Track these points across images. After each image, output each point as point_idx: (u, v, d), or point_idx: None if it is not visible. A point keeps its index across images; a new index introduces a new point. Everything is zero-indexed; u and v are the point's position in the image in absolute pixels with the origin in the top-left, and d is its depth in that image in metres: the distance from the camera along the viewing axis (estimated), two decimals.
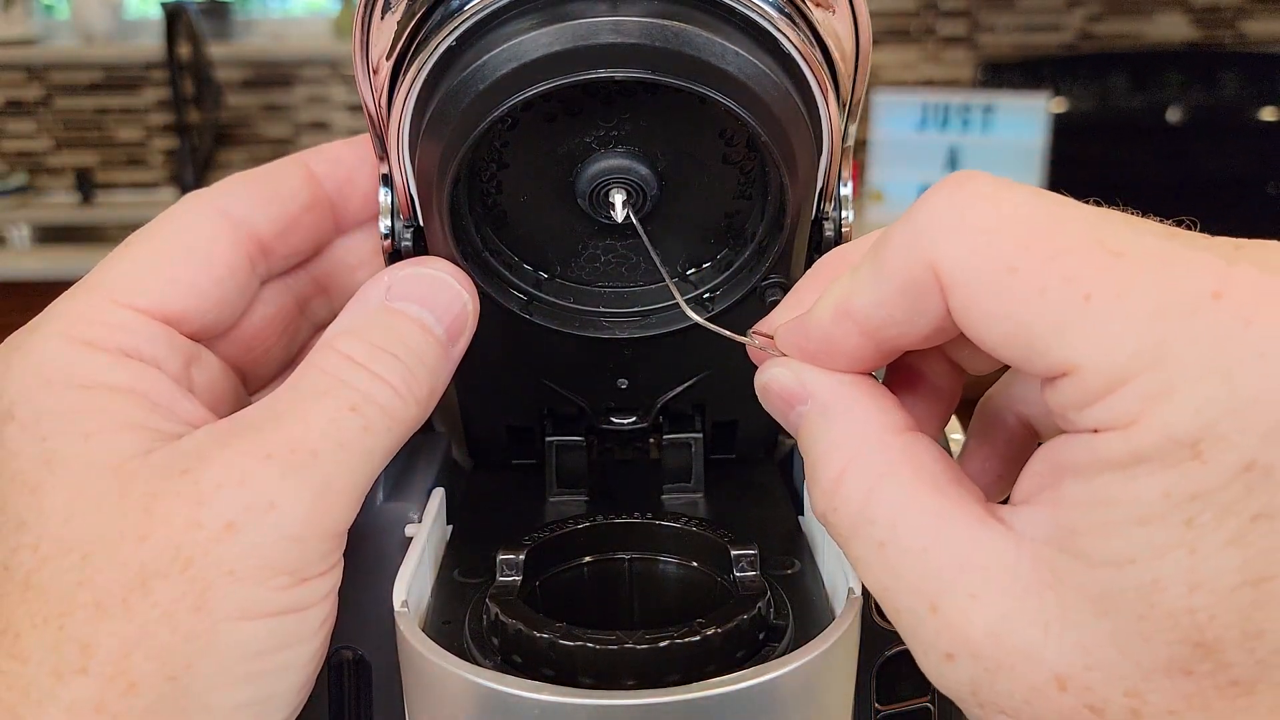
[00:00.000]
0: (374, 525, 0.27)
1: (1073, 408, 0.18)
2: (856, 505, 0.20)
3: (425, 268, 0.26)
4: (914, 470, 0.20)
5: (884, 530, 0.20)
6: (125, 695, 0.20)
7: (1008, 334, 0.18)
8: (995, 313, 0.18)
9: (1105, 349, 0.17)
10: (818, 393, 0.22)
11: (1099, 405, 0.17)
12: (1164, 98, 2.05)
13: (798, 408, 0.22)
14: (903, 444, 0.21)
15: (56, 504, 0.22)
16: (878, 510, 0.20)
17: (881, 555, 0.20)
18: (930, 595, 0.19)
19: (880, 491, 0.20)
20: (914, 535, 0.19)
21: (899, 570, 0.20)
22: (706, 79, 0.23)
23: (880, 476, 0.20)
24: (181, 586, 0.21)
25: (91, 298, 0.25)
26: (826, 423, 0.22)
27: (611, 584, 0.27)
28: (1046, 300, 0.18)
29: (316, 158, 0.29)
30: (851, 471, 0.20)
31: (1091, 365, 0.17)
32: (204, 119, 2.21)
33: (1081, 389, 0.18)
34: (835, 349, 0.22)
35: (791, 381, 0.22)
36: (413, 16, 0.24)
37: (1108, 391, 0.17)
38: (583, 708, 0.21)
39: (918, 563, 0.19)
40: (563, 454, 0.31)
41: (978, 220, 0.19)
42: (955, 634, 0.19)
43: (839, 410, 0.21)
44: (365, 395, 0.23)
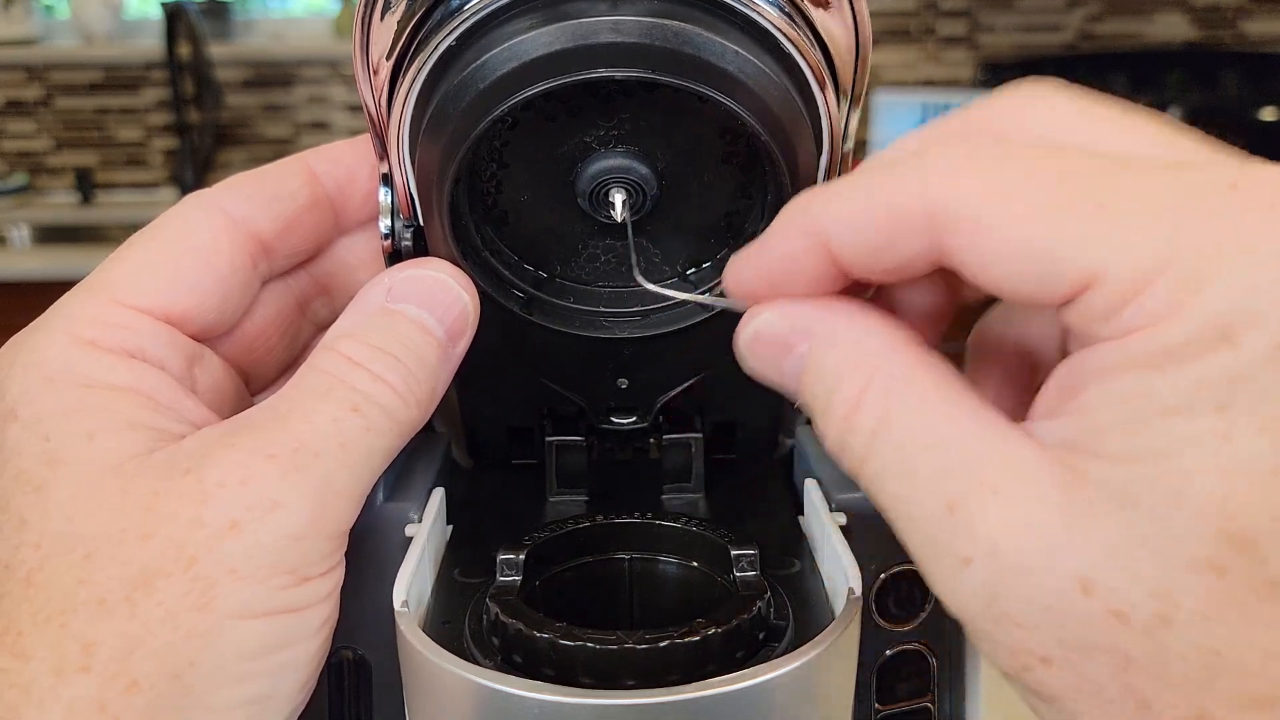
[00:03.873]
0: (374, 525, 0.27)
1: (1099, 319, 0.17)
2: (878, 415, 0.19)
3: (425, 269, 0.26)
4: (934, 377, 0.19)
5: (903, 432, 0.19)
6: (126, 693, 0.21)
7: (1018, 261, 0.18)
8: (1004, 241, 0.18)
9: (1127, 251, 0.17)
10: (817, 327, 0.21)
11: (1128, 310, 0.17)
12: (1164, 98, 2.04)
13: (797, 349, 0.21)
14: (918, 355, 0.20)
15: (59, 503, 0.22)
16: (899, 414, 0.19)
17: (899, 458, 0.19)
18: (948, 493, 0.18)
19: (901, 397, 0.19)
20: (934, 432, 0.19)
21: (916, 471, 0.18)
22: (706, 78, 0.23)
23: (901, 383, 0.19)
24: (184, 585, 0.21)
25: (94, 298, 0.25)
26: (835, 350, 0.21)
27: (611, 584, 0.27)
28: (1058, 216, 0.17)
29: (317, 158, 0.29)
30: (872, 386, 0.20)
31: (1115, 270, 0.17)
32: (204, 119, 2.21)
33: (1107, 298, 0.17)
34: (793, 270, 0.21)
35: (783, 325, 0.21)
36: (413, 16, 0.24)
37: (1136, 294, 0.17)
38: (583, 707, 0.21)
39: (936, 459, 0.18)
40: (563, 454, 0.31)
41: (983, 158, 0.18)
42: (973, 534, 0.18)
43: (846, 336, 0.21)
44: (366, 396, 0.23)
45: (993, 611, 0.18)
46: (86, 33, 2.24)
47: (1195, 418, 0.16)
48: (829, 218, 0.20)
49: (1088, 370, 0.18)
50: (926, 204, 0.19)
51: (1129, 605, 0.16)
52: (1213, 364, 0.16)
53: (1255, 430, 0.16)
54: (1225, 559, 0.16)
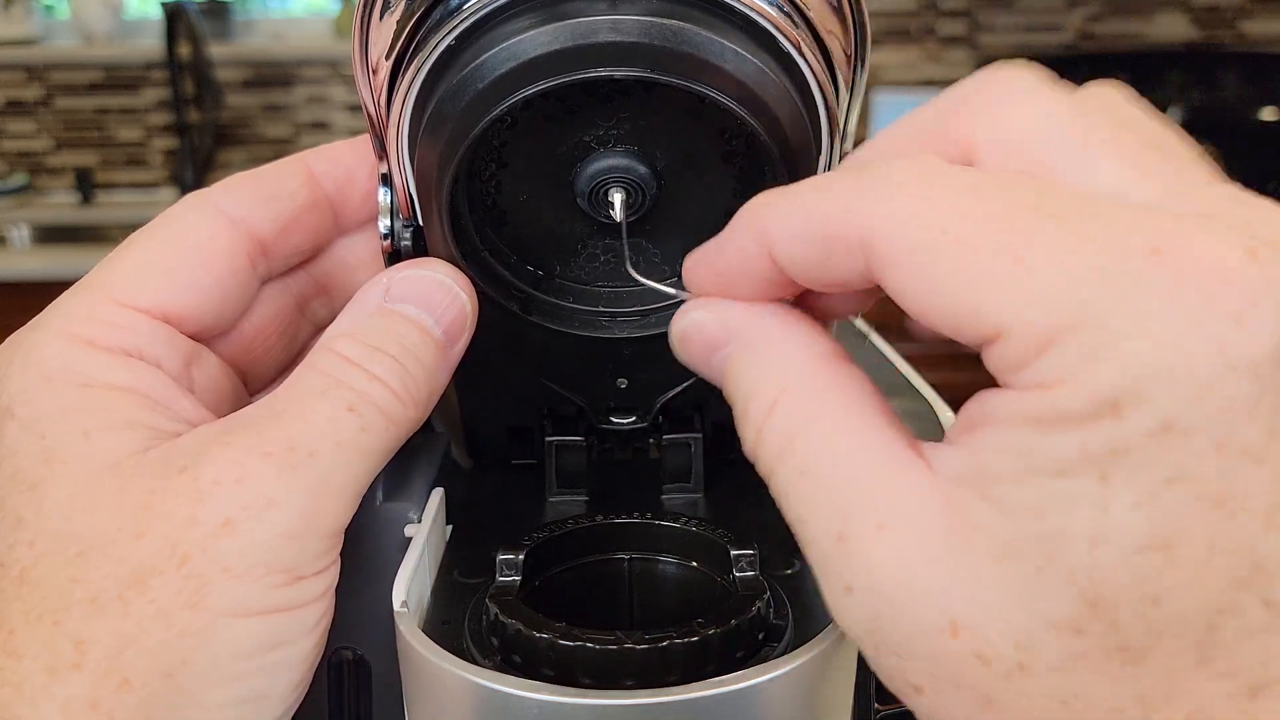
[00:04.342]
0: (373, 525, 0.27)
1: (1006, 371, 0.18)
2: (786, 434, 0.20)
3: (424, 269, 0.26)
4: (845, 401, 0.20)
5: (807, 459, 0.20)
6: (119, 691, 0.20)
7: (938, 300, 0.18)
8: (925, 279, 0.18)
9: (1033, 312, 0.17)
10: (743, 329, 0.22)
11: (1030, 368, 0.17)
12: (1164, 98, 2.04)
13: (721, 350, 0.22)
14: (833, 373, 0.20)
15: (55, 501, 0.22)
16: (805, 439, 0.20)
17: (801, 484, 0.20)
18: (839, 524, 0.19)
19: (810, 421, 0.20)
20: (834, 464, 0.19)
21: (814, 499, 0.19)
22: (705, 78, 0.23)
23: (811, 405, 0.20)
24: (177, 583, 0.21)
25: (92, 297, 0.25)
26: (755, 357, 0.21)
27: (611, 584, 0.27)
28: (977, 263, 0.17)
29: (316, 158, 0.29)
30: (783, 401, 0.20)
31: (1019, 328, 0.17)
32: (204, 119, 2.21)
33: (1011, 352, 0.17)
34: (743, 273, 0.21)
35: (714, 323, 0.22)
36: (412, 16, 0.24)
37: (1037, 354, 0.17)
38: (582, 708, 0.21)
39: (833, 492, 0.19)
40: (562, 454, 0.31)
41: (919, 187, 0.18)
42: (857, 565, 0.18)
43: (767, 343, 0.21)
44: (363, 395, 0.23)
45: (874, 639, 0.19)
46: (86, 33, 2.24)
47: (1077, 483, 0.17)
48: (774, 227, 0.21)
49: (990, 410, 0.18)
50: (859, 228, 0.19)
51: (993, 651, 0.17)
52: (1099, 434, 0.17)
53: (1130, 504, 0.16)
54: (1084, 621, 0.17)
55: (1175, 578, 0.16)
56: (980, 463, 0.18)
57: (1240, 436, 0.16)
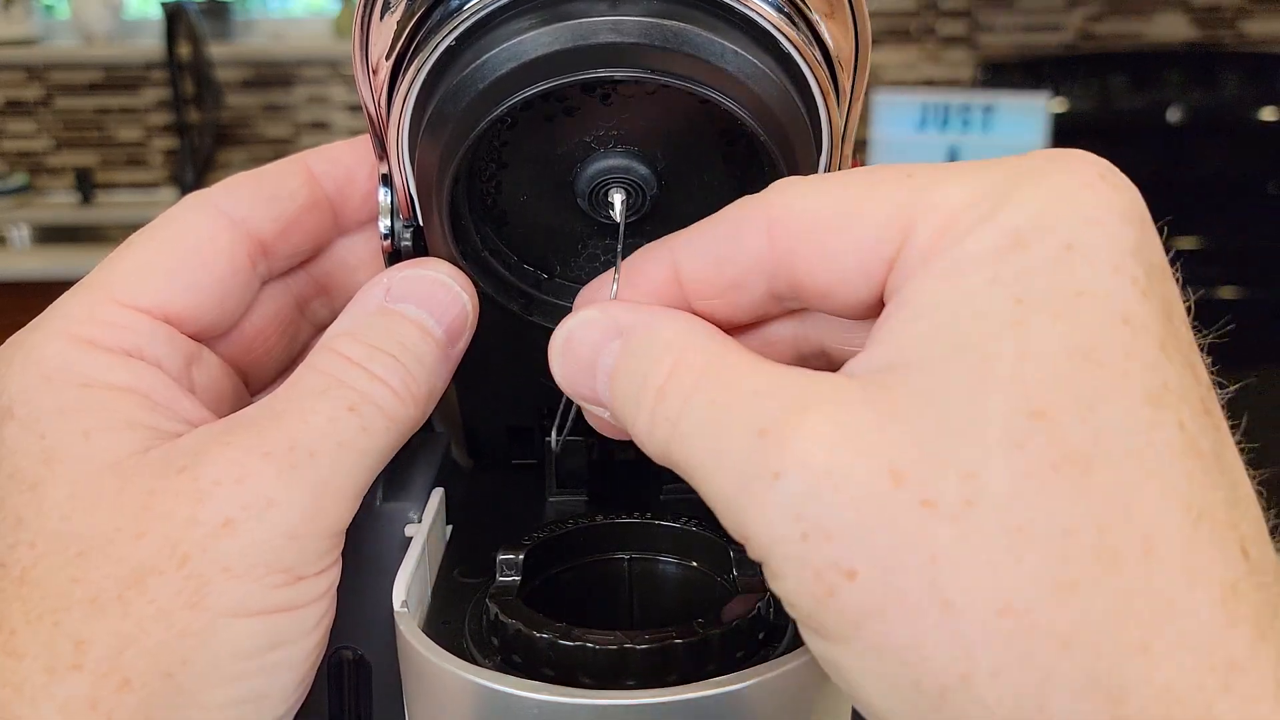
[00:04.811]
0: (373, 525, 0.27)
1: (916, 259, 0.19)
2: (693, 379, 0.20)
3: (424, 269, 0.26)
4: (742, 351, 0.20)
5: (718, 389, 0.19)
6: (119, 691, 0.20)
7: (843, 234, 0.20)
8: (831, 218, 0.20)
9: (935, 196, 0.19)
10: (632, 320, 0.22)
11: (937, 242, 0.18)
12: (1164, 98, 2.05)
13: (608, 346, 0.22)
14: (726, 339, 0.21)
15: (54, 501, 0.22)
16: (713, 374, 0.20)
17: (712, 410, 0.19)
18: (760, 421, 0.18)
19: (717, 360, 0.20)
20: (749, 382, 0.19)
21: (729, 415, 0.19)
22: (706, 78, 0.23)
23: (715, 352, 0.20)
24: (177, 583, 0.21)
25: (92, 297, 0.25)
26: (649, 336, 0.21)
27: (611, 584, 0.27)
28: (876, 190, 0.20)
29: (317, 158, 0.29)
30: (687, 356, 0.20)
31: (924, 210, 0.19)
32: (204, 119, 2.21)
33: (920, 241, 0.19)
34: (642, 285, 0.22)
35: (601, 319, 0.22)
36: (412, 16, 0.24)
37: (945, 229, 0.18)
38: (582, 708, 0.21)
39: (750, 401, 0.19)
40: (562, 454, 0.31)
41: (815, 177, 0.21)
42: (782, 447, 0.18)
43: (657, 323, 0.21)
44: (363, 395, 0.23)
45: (801, 526, 0.17)
46: (86, 33, 2.24)
47: (993, 312, 0.17)
48: (680, 239, 0.22)
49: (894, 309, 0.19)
50: (765, 215, 0.21)
51: (937, 493, 0.17)
52: (1007, 262, 0.18)
53: (1050, 317, 0.17)
54: (1024, 433, 0.16)
55: (1104, 381, 0.17)
56: (893, 347, 0.18)
57: (1129, 268, 0.18)
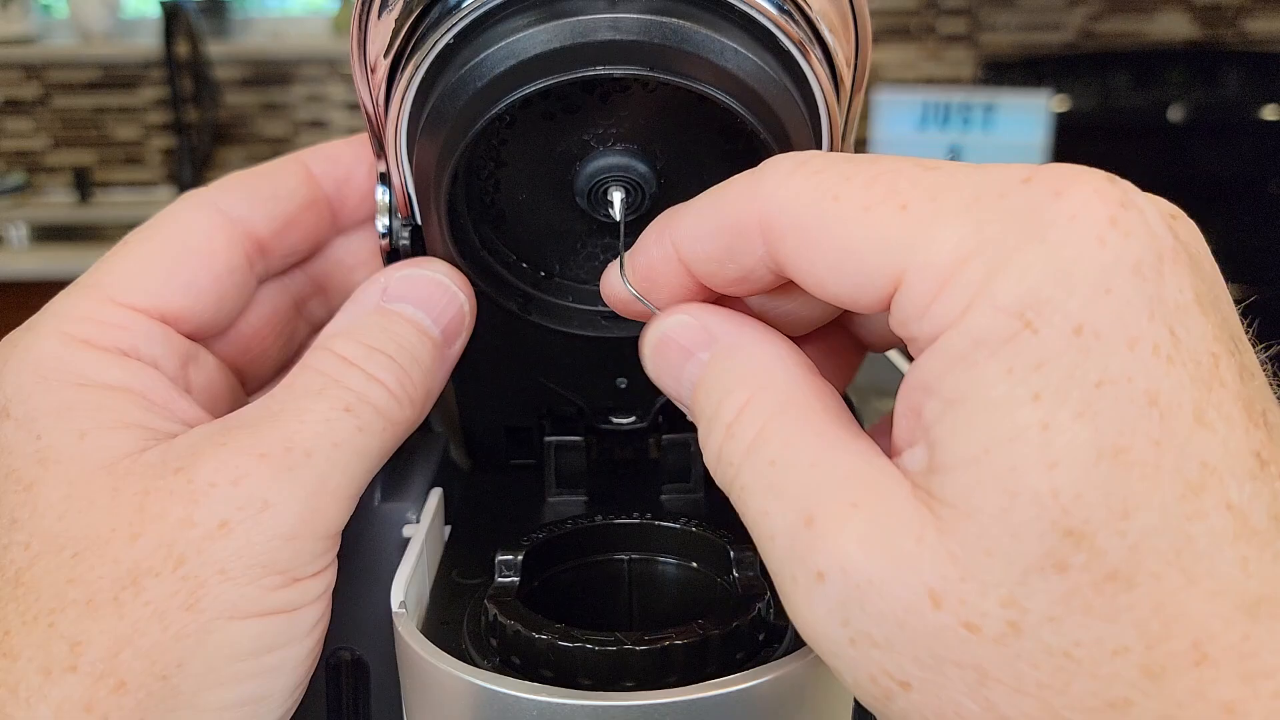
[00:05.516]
0: (372, 526, 0.27)
1: (912, 321, 0.18)
2: (757, 427, 0.20)
3: (422, 269, 0.26)
4: (820, 402, 0.20)
5: (777, 449, 0.19)
6: (114, 693, 0.20)
7: (837, 265, 0.18)
8: (822, 246, 0.19)
9: (927, 248, 0.17)
10: (724, 333, 0.22)
11: (934, 307, 0.17)
12: (1165, 96, 2.04)
13: (698, 355, 0.22)
14: (812, 380, 0.21)
15: (50, 501, 0.22)
16: (777, 430, 0.19)
17: (769, 473, 0.19)
18: (809, 507, 0.18)
19: (783, 415, 0.20)
20: (806, 451, 0.19)
21: (783, 486, 0.19)
22: (705, 76, 0.22)
23: (786, 402, 0.20)
24: (173, 585, 0.21)
25: (89, 296, 0.25)
26: (732, 362, 0.21)
27: (611, 585, 0.27)
28: (868, 218, 0.18)
29: (314, 157, 0.29)
30: (756, 400, 0.20)
31: (916, 267, 0.17)
32: (202, 118, 2.21)
33: (914, 297, 0.17)
34: (656, 279, 0.22)
35: (694, 326, 0.22)
36: (410, 15, 0.24)
37: (939, 290, 0.17)
38: (582, 709, 0.21)
39: (803, 476, 0.19)
40: (561, 454, 0.31)
41: (808, 166, 0.19)
42: (828, 547, 0.17)
43: (745, 347, 0.21)
44: (360, 396, 0.23)
45: (848, 632, 0.17)
46: (84, 31, 2.24)
47: (1014, 409, 0.16)
48: (679, 231, 0.22)
49: (917, 387, 0.18)
50: (758, 214, 0.20)
51: (979, 615, 0.16)
52: (1018, 350, 0.16)
53: (1072, 416, 0.16)
54: (1065, 554, 0.16)
55: (1136, 483, 0.16)
56: (930, 440, 0.17)
57: (1148, 335, 0.16)
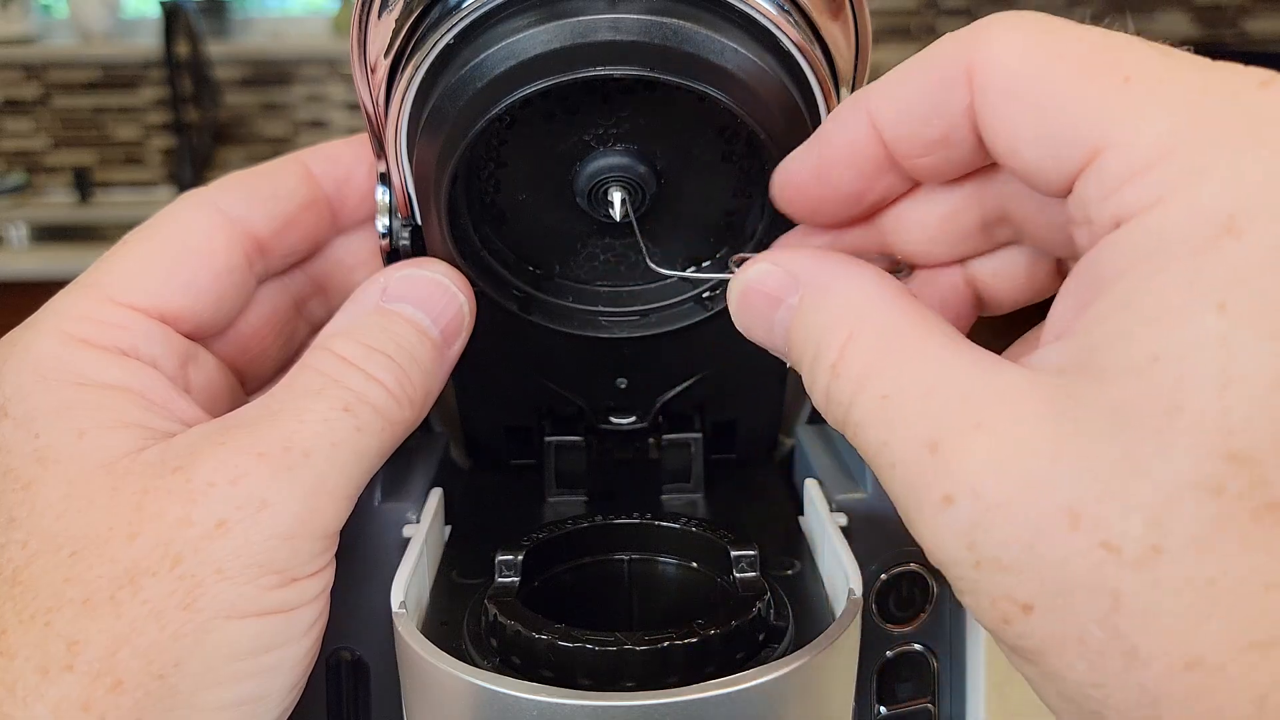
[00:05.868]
0: (371, 526, 0.27)
1: (1095, 201, 0.16)
2: (863, 364, 0.19)
3: (422, 269, 0.26)
4: (924, 324, 0.19)
5: (889, 382, 0.18)
6: (111, 693, 0.20)
7: (1039, 120, 0.17)
8: (1029, 98, 0.17)
9: (1137, 124, 0.16)
10: (812, 276, 0.21)
11: (1126, 189, 0.16)
12: None
13: (787, 301, 0.21)
14: (911, 305, 0.19)
15: (48, 501, 0.22)
16: (885, 363, 0.18)
17: (884, 407, 0.18)
18: (931, 434, 0.17)
19: (888, 345, 0.19)
20: (920, 378, 0.18)
21: (900, 417, 0.18)
22: (705, 77, 0.22)
23: (890, 332, 0.19)
24: (170, 584, 0.21)
25: (88, 296, 0.25)
26: (826, 300, 0.20)
27: (611, 585, 0.27)
28: (1085, 81, 0.17)
29: (314, 157, 0.29)
30: (859, 334, 0.19)
31: (1121, 141, 0.16)
32: (202, 118, 2.21)
33: (1107, 173, 0.16)
34: (845, 151, 0.21)
35: (780, 274, 0.21)
36: (410, 15, 0.24)
37: (1141, 170, 0.16)
38: (582, 709, 0.21)
39: (920, 404, 0.17)
40: (561, 454, 0.31)
41: (1036, 21, 0.18)
42: (955, 470, 0.16)
43: (838, 285, 0.20)
44: (359, 395, 0.23)
45: (974, 555, 0.16)
46: (84, 31, 2.24)
47: (1193, 318, 0.15)
48: (876, 93, 0.20)
49: (1089, 280, 0.17)
50: (970, 59, 0.18)
51: (1120, 536, 0.15)
52: (1213, 257, 0.15)
53: (1257, 336, 0.15)
54: (1223, 478, 0.15)
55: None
56: (1086, 340, 0.16)
57: None
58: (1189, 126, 0.16)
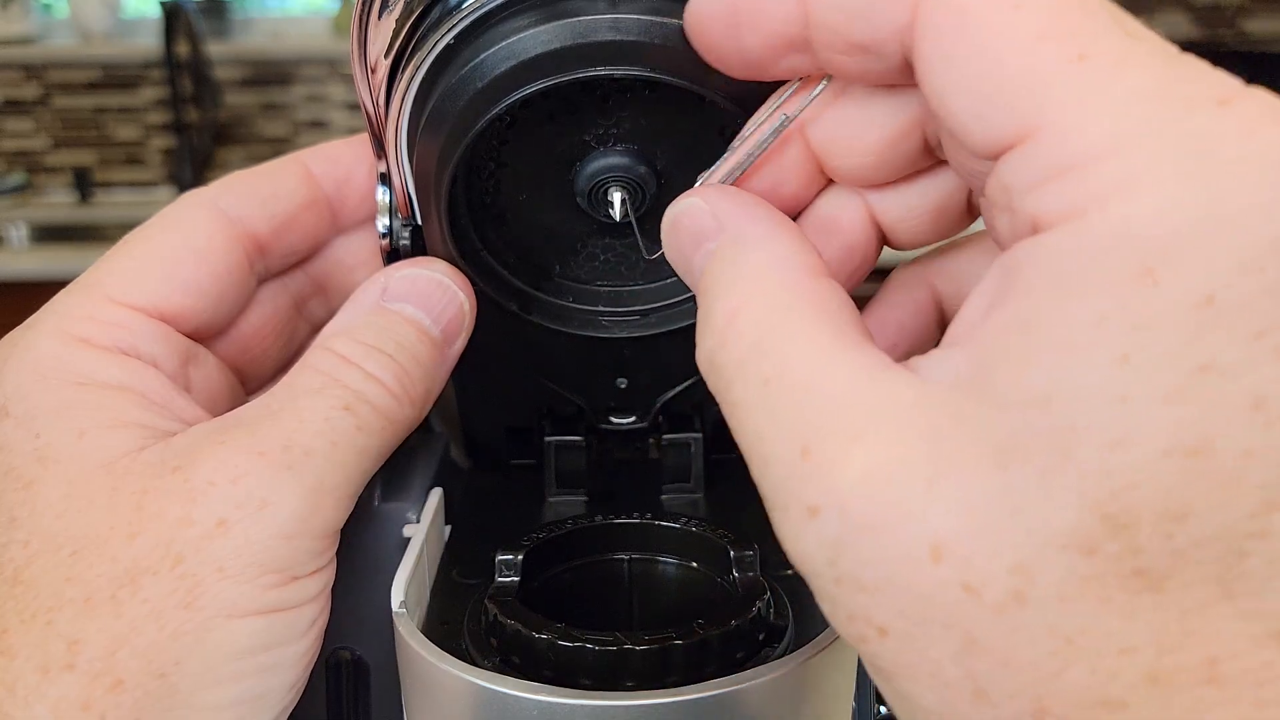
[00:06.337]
0: (372, 525, 0.27)
1: (1018, 191, 0.15)
2: (750, 339, 0.18)
3: (422, 268, 0.26)
4: (818, 310, 0.18)
5: (772, 365, 0.17)
6: (112, 692, 0.20)
7: (978, 78, 0.16)
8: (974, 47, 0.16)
9: (1080, 113, 0.15)
10: (732, 224, 0.20)
11: (1051, 186, 0.15)
12: None
13: (706, 245, 0.20)
14: (812, 285, 0.18)
15: (48, 500, 0.22)
16: (771, 344, 0.17)
17: (763, 393, 0.17)
18: (806, 436, 0.16)
19: (778, 326, 0.18)
20: (803, 370, 0.17)
21: (778, 409, 0.17)
22: (705, 77, 0.22)
23: (781, 310, 0.18)
24: (170, 583, 0.21)
25: (88, 295, 0.25)
26: (736, 255, 0.19)
27: (611, 585, 0.27)
28: (1035, 47, 0.15)
29: (315, 157, 0.29)
30: (752, 304, 0.18)
31: (1056, 129, 0.15)
32: (202, 118, 2.21)
33: (1037, 160, 0.15)
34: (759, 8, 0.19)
35: (705, 214, 0.20)
36: (410, 15, 0.24)
37: (1065, 168, 0.15)
38: (582, 709, 0.21)
39: (800, 400, 0.17)
40: (562, 454, 0.31)
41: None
42: (824, 480, 0.16)
43: (751, 243, 0.19)
44: (358, 394, 0.23)
45: (835, 571, 0.16)
46: (85, 31, 2.24)
47: (1095, 365, 0.14)
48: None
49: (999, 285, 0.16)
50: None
51: (982, 578, 0.14)
52: (1127, 298, 0.14)
53: (1157, 397, 0.14)
54: (1097, 539, 0.14)
55: (1204, 490, 0.14)
56: (979, 356, 0.15)
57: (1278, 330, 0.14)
58: (1132, 133, 0.15)
